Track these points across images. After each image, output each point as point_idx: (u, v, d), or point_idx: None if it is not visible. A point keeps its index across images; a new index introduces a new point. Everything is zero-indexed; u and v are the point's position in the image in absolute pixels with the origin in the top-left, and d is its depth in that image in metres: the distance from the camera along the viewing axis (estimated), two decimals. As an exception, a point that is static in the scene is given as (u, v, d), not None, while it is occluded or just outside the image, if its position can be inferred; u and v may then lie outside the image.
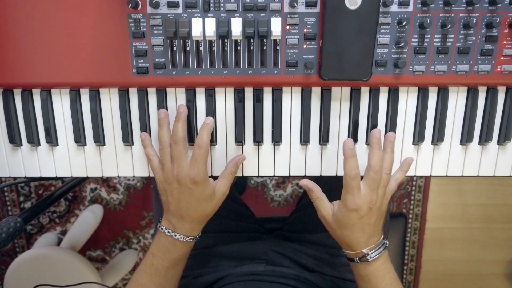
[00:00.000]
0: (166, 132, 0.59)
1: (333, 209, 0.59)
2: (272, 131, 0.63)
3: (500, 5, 0.56)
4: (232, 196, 0.87)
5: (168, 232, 0.60)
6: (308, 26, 0.57)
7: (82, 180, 1.26)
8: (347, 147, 0.56)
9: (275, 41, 0.58)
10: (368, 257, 0.57)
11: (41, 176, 0.65)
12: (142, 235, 1.66)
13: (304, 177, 0.64)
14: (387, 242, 0.60)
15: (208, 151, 0.58)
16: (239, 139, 0.62)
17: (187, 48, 0.58)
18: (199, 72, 0.59)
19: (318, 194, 0.60)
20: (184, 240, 0.60)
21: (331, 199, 0.61)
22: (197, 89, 0.61)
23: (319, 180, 0.65)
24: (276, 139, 0.62)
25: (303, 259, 0.76)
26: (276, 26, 0.56)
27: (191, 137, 0.62)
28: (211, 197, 0.59)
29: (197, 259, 0.77)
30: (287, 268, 0.75)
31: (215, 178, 0.66)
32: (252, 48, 0.58)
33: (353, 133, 0.62)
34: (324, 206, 0.60)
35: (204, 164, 0.57)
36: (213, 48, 0.58)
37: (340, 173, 0.64)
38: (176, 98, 0.61)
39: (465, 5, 0.56)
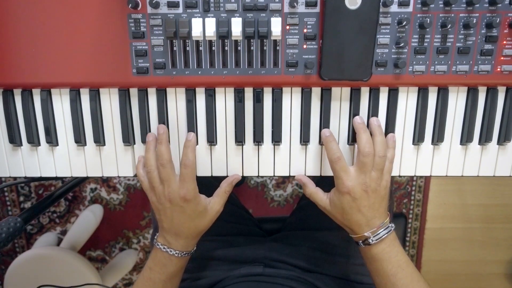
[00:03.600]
0: (152, 156, 0.60)
1: (329, 198, 0.60)
2: (272, 131, 0.63)
3: (500, 5, 0.56)
4: (230, 199, 0.87)
5: (164, 248, 0.61)
6: (308, 26, 0.57)
7: (82, 180, 1.26)
8: (324, 134, 0.60)
9: (275, 41, 0.58)
10: (370, 240, 0.58)
11: (41, 176, 0.65)
12: (142, 235, 1.66)
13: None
14: (392, 225, 0.60)
15: (195, 169, 0.59)
16: (239, 139, 0.62)
17: (187, 48, 0.58)
18: (199, 72, 0.59)
19: (311, 189, 0.62)
20: (180, 256, 0.61)
21: None
22: (197, 89, 0.61)
23: (323, 180, 0.65)
24: (276, 139, 0.62)
25: (302, 261, 0.76)
26: (276, 26, 0.56)
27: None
28: (203, 213, 0.61)
29: (196, 263, 0.77)
30: (286, 270, 0.75)
31: (215, 178, 0.66)
32: (252, 48, 0.58)
33: (353, 133, 0.62)
34: (321, 198, 0.61)
35: (192, 182, 0.58)
36: (213, 48, 0.58)
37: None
38: (176, 98, 0.62)
39: (465, 5, 0.56)
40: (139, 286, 0.63)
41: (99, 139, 0.62)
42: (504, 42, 0.58)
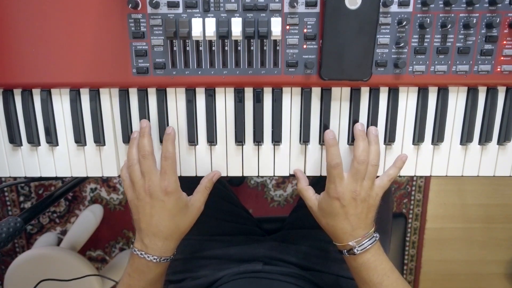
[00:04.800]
0: (134, 150, 0.60)
1: (318, 199, 0.61)
2: (272, 131, 0.63)
3: (500, 5, 0.56)
4: (229, 198, 0.87)
5: (141, 254, 0.58)
6: (308, 26, 0.57)
7: (82, 180, 1.26)
8: (328, 137, 0.59)
9: (275, 41, 0.58)
10: (355, 250, 0.58)
11: (41, 176, 0.65)
12: (142, 235, 1.66)
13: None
14: (377, 235, 0.60)
15: (175, 161, 0.59)
16: (239, 139, 0.62)
17: (187, 48, 0.58)
18: (199, 72, 0.59)
19: (303, 186, 0.63)
20: (157, 261, 0.59)
21: None
22: (197, 89, 0.61)
23: (320, 181, 0.65)
24: (276, 139, 0.62)
25: (301, 259, 0.76)
26: (276, 26, 0.56)
27: (192, 136, 0.62)
28: (184, 210, 0.59)
29: (196, 262, 0.77)
30: (285, 268, 0.75)
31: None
32: (252, 48, 0.58)
33: (353, 133, 0.62)
34: (310, 197, 0.62)
35: (174, 175, 0.58)
36: (213, 48, 0.58)
37: (340, 173, 0.64)
38: (176, 98, 0.62)
39: (465, 5, 0.56)
40: None
41: (99, 139, 0.62)
42: (504, 42, 0.58)
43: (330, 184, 0.58)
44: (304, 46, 0.58)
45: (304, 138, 0.62)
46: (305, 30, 0.57)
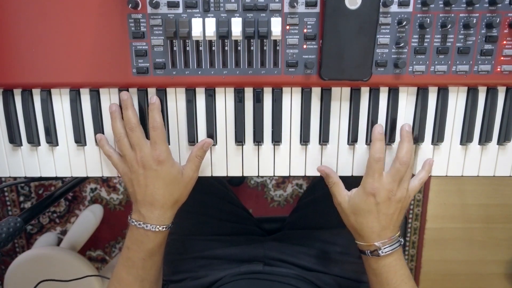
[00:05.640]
0: (119, 124, 0.59)
1: (349, 195, 0.59)
2: (272, 131, 0.63)
3: (500, 5, 0.56)
4: (229, 198, 0.87)
5: (139, 224, 0.58)
6: (308, 26, 0.57)
7: (82, 180, 1.26)
8: (376, 131, 0.58)
9: (275, 41, 0.58)
10: (380, 252, 0.57)
11: (41, 176, 0.65)
12: (142, 235, 1.66)
13: (304, 177, 0.64)
14: (402, 240, 0.59)
15: (163, 131, 0.58)
16: (239, 139, 0.62)
17: (187, 48, 0.58)
18: (199, 72, 0.59)
19: (335, 180, 0.61)
20: (156, 230, 0.58)
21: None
22: (197, 89, 0.61)
23: (320, 181, 0.65)
24: (276, 139, 0.62)
25: (302, 260, 0.76)
26: (276, 26, 0.56)
27: (192, 136, 0.62)
28: (177, 178, 0.59)
29: (195, 262, 0.77)
30: (285, 268, 0.75)
31: (215, 178, 0.66)
32: (252, 48, 0.58)
33: (353, 133, 0.62)
34: (341, 192, 0.60)
35: (164, 144, 0.57)
36: (213, 48, 0.58)
37: (340, 172, 0.64)
38: (176, 98, 0.62)
39: (465, 5, 0.56)
40: (120, 267, 0.61)
41: (99, 139, 0.62)
42: (504, 42, 0.58)
43: (368, 178, 0.57)
44: (304, 46, 0.58)
45: (304, 138, 0.62)
46: (305, 30, 0.57)
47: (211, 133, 0.62)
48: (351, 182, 0.61)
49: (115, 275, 0.62)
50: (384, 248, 0.57)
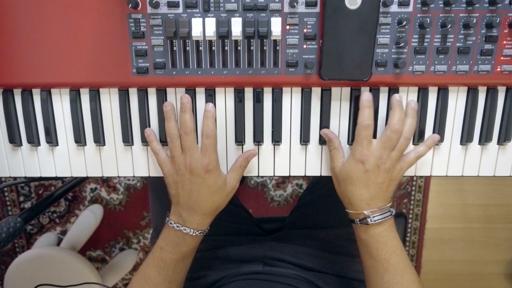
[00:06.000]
0: (174, 124, 0.59)
1: (342, 161, 0.59)
2: (272, 131, 0.63)
3: (500, 5, 0.56)
4: (230, 198, 0.87)
5: (178, 226, 0.59)
6: (308, 26, 0.57)
7: (82, 180, 1.26)
8: (364, 98, 0.57)
9: (275, 41, 0.58)
10: (368, 220, 0.56)
11: (41, 176, 0.65)
12: (142, 235, 1.66)
13: (304, 177, 0.64)
14: (393, 210, 0.58)
15: (216, 139, 0.58)
16: (239, 139, 0.62)
17: (187, 48, 0.58)
18: (199, 72, 0.59)
19: (336, 145, 0.60)
20: (194, 234, 0.59)
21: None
22: (197, 89, 0.61)
23: (320, 181, 0.65)
24: (276, 139, 0.62)
25: (302, 260, 0.76)
26: (276, 26, 0.56)
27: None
28: (222, 188, 0.59)
29: (195, 262, 0.77)
30: (285, 268, 0.75)
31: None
32: (252, 48, 0.58)
33: (353, 133, 0.62)
34: (338, 158, 0.60)
35: (214, 153, 0.58)
36: (213, 48, 0.58)
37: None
38: (176, 98, 0.62)
39: (465, 5, 0.56)
40: (149, 266, 0.61)
41: (99, 139, 0.62)
42: (504, 42, 0.58)
43: (357, 146, 0.57)
44: (304, 46, 0.58)
45: (304, 138, 0.62)
46: (305, 30, 0.57)
47: (211, 133, 0.62)
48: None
49: (143, 273, 0.61)
50: (374, 217, 0.56)
